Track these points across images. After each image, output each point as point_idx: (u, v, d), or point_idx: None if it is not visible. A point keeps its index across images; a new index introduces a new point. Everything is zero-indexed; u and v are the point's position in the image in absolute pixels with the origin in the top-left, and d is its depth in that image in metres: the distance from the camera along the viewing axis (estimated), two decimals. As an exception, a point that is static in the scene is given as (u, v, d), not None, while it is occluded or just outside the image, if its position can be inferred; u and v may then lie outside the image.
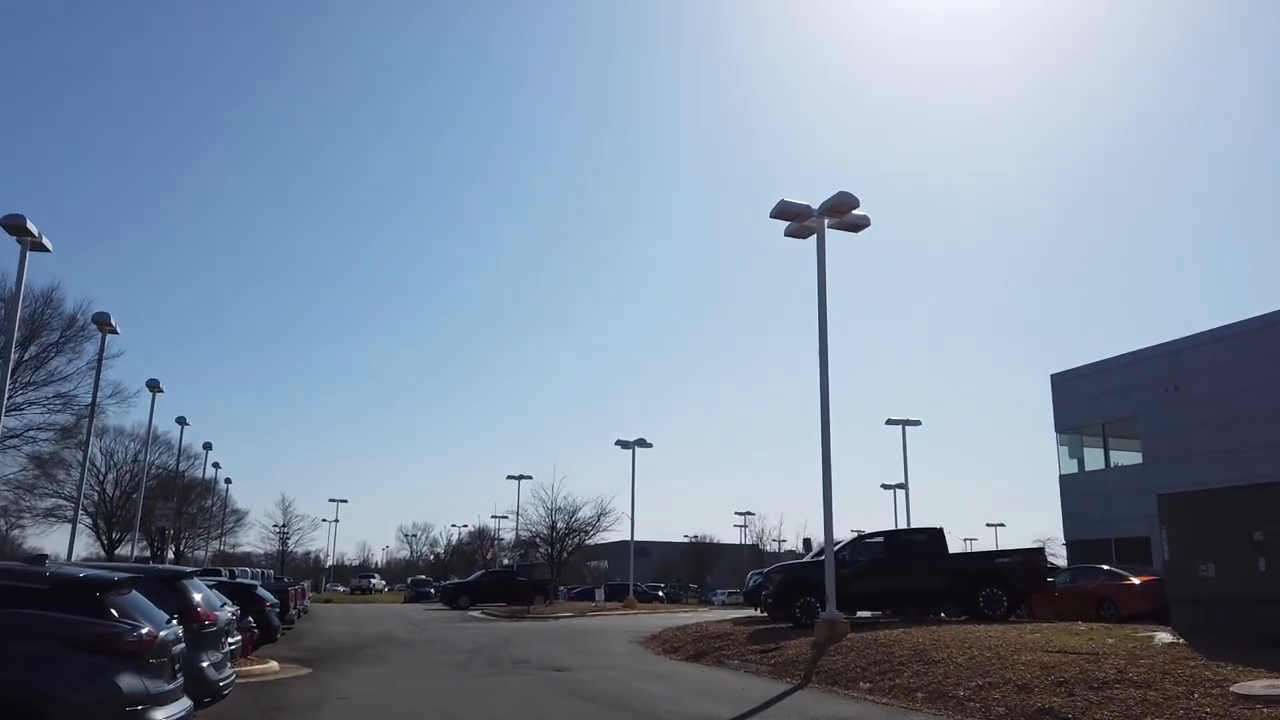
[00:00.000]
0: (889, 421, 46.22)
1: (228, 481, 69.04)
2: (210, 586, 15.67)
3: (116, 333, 31.10)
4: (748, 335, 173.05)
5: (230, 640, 12.61)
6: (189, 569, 11.88)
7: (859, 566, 21.26)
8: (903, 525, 44.90)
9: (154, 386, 39.34)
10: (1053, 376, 35.98)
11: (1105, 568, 25.21)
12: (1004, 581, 20.87)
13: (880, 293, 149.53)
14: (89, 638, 6.91)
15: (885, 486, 64.65)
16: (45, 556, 9.15)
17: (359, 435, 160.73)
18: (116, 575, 7.81)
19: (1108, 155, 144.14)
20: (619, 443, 49.44)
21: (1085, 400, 34.32)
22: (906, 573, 21.56)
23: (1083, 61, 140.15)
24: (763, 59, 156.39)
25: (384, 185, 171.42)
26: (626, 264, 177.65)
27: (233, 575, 26.36)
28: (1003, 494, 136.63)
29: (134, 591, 7.90)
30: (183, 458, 57.13)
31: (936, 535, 21.86)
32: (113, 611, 7.25)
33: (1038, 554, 21.72)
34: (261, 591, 21.01)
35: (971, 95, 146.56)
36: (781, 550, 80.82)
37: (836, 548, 26.30)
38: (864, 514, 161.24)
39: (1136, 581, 23.28)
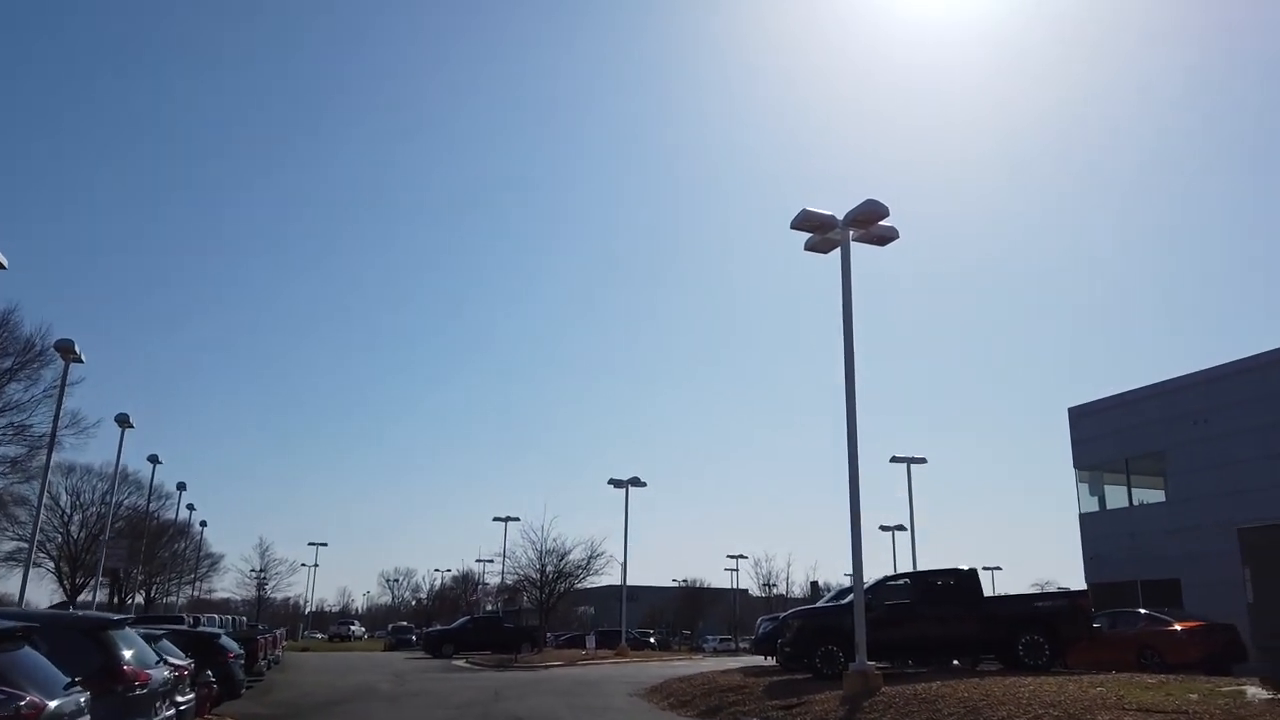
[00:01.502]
0: (894, 459, 44.49)
1: (203, 524, 66.53)
2: (161, 637, 13.70)
3: (81, 361, 29.07)
4: (745, 373, 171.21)
5: (180, 700, 10.68)
6: (117, 616, 9.89)
7: (882, 611, 19.32)
8: (904, 569, 42.96)
9: (123, 421, 37.23)
10: (1070, 410, 34.32)
11: (1143, 612, 23.36)
12: (1046, 628, 19.00)
13: (880, 321, 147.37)
14: (-55, 712, 5.03)
15: (884, 528, 62.85)
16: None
17: (340, 476, 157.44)
18: (-5, 625, 5.90)
19: (1128, 171, 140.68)
20: (612, 481, 47.55)
21: (1106, 435, 32.63)
22: (936, 618, 19.72)
23: (1100, 84, 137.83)
24: (767, 88, 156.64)
25: (372, 220, 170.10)
26: (618, 302, 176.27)
27: (196, 622, 24.13)
28: (1003, 535, 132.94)
29: (25, 648, 6.00)
30: (155, 499, 54.77)
31: (969, 577, 20.02)
32: (-16, 675, 5.35)
33: (1083, 597, 19.89)
34: (225, 641, 18.88)
35: (983, 117, 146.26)
36: (773, 595, 77.77)
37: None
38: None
39: (1181, 628, 21.40)
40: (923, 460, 45.47)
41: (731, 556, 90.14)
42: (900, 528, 59.17)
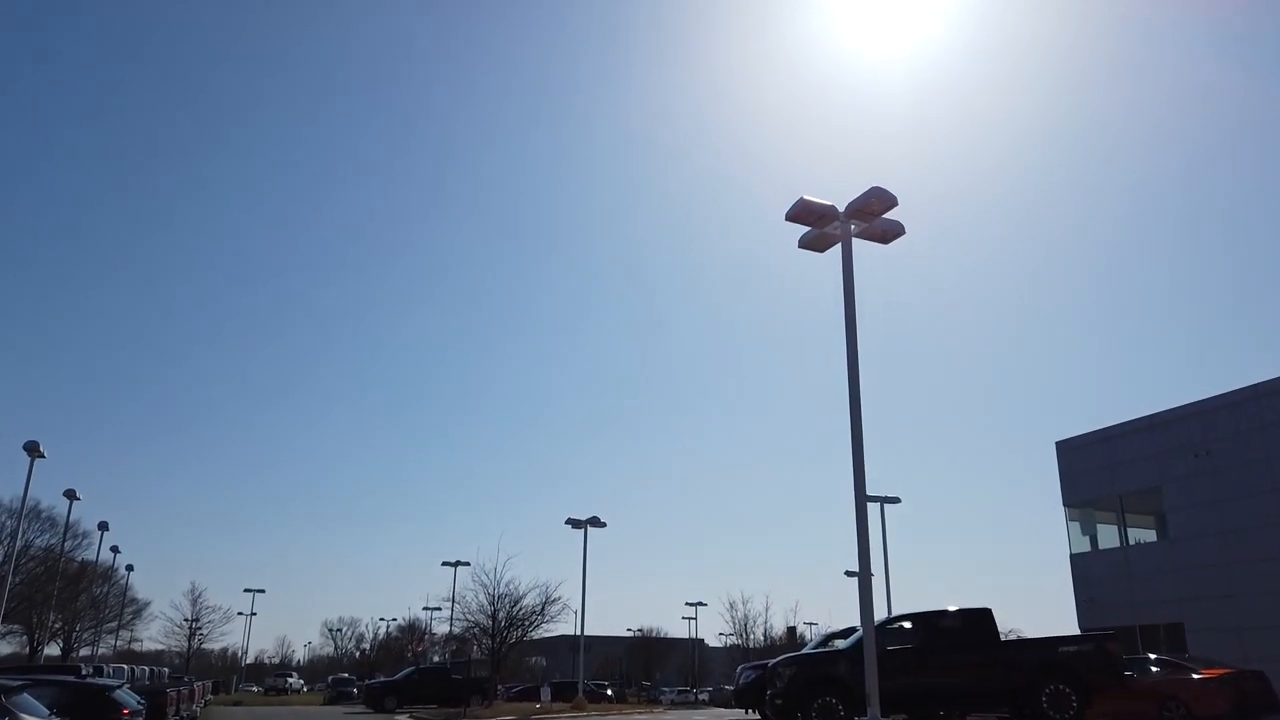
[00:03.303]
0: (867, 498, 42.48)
1: (129, 569, 62.38)
2: (19, 689, 11.05)
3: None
4: (711, 411, 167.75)
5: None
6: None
7: (883, 657, 16.95)
8: (877, 617, 40.64)
9: (33, 450, 33.97)
10: (1059, 444, 32.66)
11: (1153, 657, 21.41)
12: (1072, 676, 16.83)
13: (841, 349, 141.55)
14: None
15: (849, 574, 60.84)
16: None
17: (280, 520, 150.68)
18: None
19: (1116, 197, 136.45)
20: (569, 521, 44.87)
21: (1098, 470, 30.98)
22: (946, 665, 17.47)
23: (1099, 106, 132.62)
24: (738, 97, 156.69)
25: (320, 254, 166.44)
26: (578, 336, 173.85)
27: (98, 672, 21.00)
28: (982, 579, 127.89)
29: None
30: (72, 538, 50.66)
31: (983, 617, 17.82)
32: None
33: (1112, 641, 17.73)
34: (121, 695, 15.94)
35: (969, 135, 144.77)
36: (749, 644, 74.24)
37: (846, 637, 22.20)
38: (825, 607, 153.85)
39: (1207, 676, 19.40)
40: (896, 500, 43.63)
41: (690, 604, 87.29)
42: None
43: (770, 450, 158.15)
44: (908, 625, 18.60)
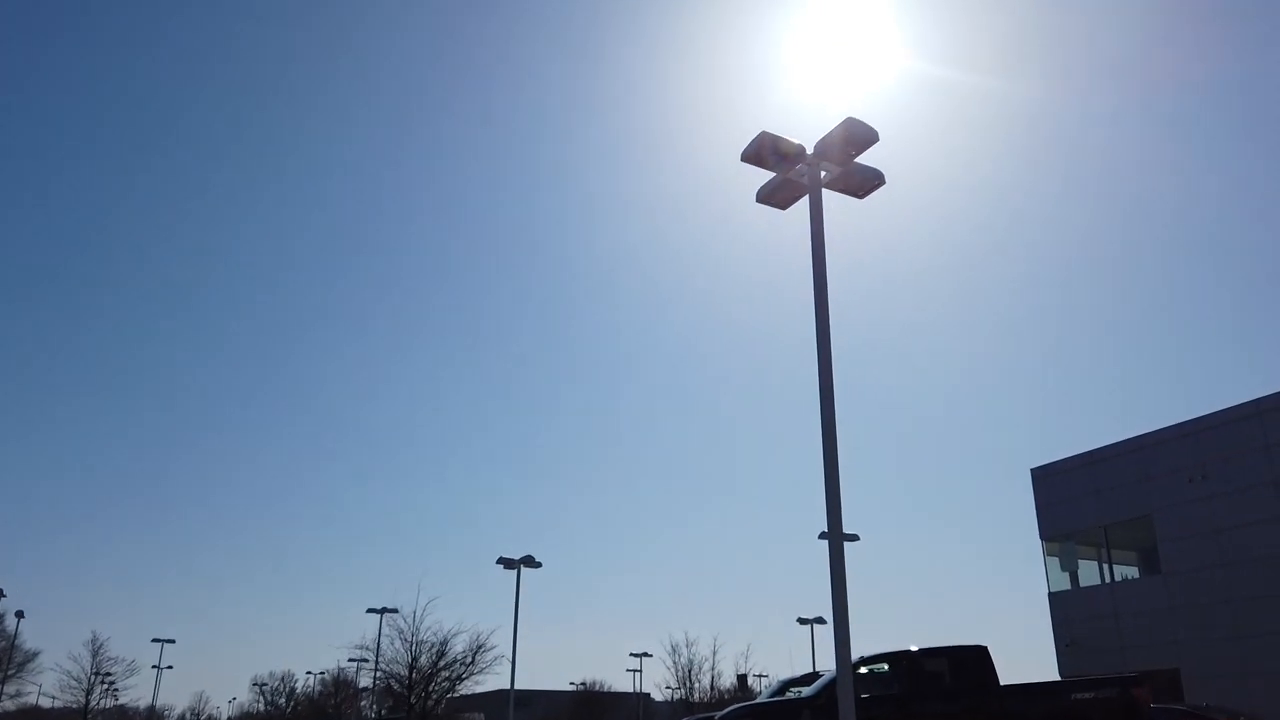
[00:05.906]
0: (822, 535, 39.42)
1: (19, 615, 57.00)
2: None
3: None
4: (653, 444, 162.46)
5: None
6: None
7: (856, 708, 13.69)
8: (826, 667, 37.35)
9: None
10: (1034, 471, 30.02)
11: (1152, 706, 18.38)
12: (1089, 728, 13.73)
13: (796, 366, 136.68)
14: None
15: (802, 621, 57.52)
16: None
17: (192, 563, 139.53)
18: None
19: (1113, 193, 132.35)
20: (501, 561, 41.07)
21: (1079, 499, 28.33)
22: (933, 716, 14.29)
23: (1097, 103, 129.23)
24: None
25: (237, 285, 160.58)
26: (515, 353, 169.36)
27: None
28: (947, 623, 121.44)
29: None
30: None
31: (978, 657, 14.72)
32: None
33: (1138, 685, 14.71)
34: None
35: (940, 158, 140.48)
36: (689, 698, 69.72)
37: (806, 685, 19.15)
38: (776, 657, 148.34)
39: (1234, 728, 16.44)
40: (854, 537, 40.77)
41: (635, 655, 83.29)
42: (820, 620, 54.45)
43: (720, 486, 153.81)
44: (885, 668, 15.42)
